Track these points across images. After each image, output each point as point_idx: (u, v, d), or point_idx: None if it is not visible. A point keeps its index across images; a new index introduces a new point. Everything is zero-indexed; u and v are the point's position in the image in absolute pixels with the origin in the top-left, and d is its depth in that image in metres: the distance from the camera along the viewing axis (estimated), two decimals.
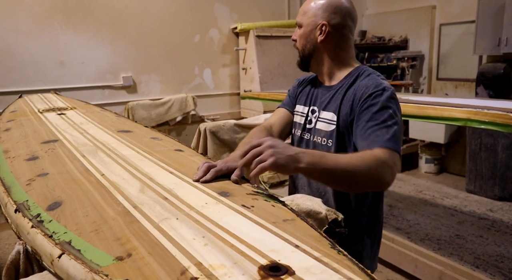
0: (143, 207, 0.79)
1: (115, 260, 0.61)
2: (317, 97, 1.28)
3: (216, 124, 2.35)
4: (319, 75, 1.29)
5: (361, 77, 1.18)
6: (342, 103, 1.17)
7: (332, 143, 1.19)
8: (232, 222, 0.71)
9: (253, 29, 4.00)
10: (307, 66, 1.27)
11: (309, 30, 1.20)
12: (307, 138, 1.28)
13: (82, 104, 2.34)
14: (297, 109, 1.35)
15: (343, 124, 1.16)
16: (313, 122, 1.27)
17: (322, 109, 1.24)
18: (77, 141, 1.40)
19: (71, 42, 3.38)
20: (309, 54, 1.24)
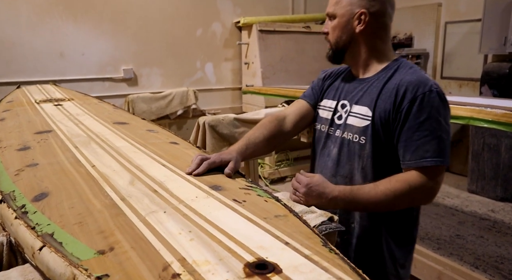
0: (131, 200, 0.77)
1: (96, 254, 0.58)
2: (348, 90, 1.19)
3: (216, 118, 2.32)
4: (353, 67, 1.21)
5: (401, 70, 1.09)
6: (379, 97, 1.08)
7: (366, 140, 1.10)
8: (222, 217, 0.68)
9: (256, 24, 3.96)
10: (341, 59, 1.18)
11: (345, 21, 1.11)
12: (336, 135, 1.18)
13: (80, 96, 2.31)
14: (323, 104, 1.26)
15: (380, 121, 1.07)
16: (343, 117, 1.17)
17: (355, 103, 1.14)
18: (71, 132, 1.37)
19: (71, 33, 3.35)
20: (344, 46, 1.14)
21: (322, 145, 1.24)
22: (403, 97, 1.03)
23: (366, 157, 1.10)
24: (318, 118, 1.28)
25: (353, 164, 1.13)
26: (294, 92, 2.56)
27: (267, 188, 0.94)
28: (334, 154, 1.18)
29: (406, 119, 1.03)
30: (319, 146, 1.26)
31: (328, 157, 1.21)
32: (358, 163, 1.12)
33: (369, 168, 1.10)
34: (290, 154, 4.66)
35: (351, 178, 1.14)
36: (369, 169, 1.10)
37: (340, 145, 1.17)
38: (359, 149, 1.11)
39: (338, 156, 1.17)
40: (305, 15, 4.45)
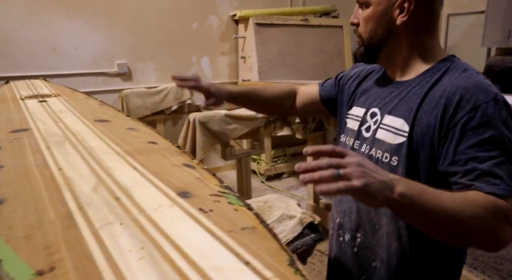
0: (89, 209, 0.71)
1: (34, 275, 0.52)
2: (380, 96, 0.97)
3: (206, 114, 2.26)
4: (388, 68, 0.99)
5: (451, 72, 0.85)
6: (421, 107, 0.85)
7: (399, 161, 0.86)
8: (182, 229, 0.62)
9: (253, 17, 3.87)
10: (375, 57, 0.96)
11: (383, 9, 0.89)
12: (362, 151, 0.96)
13: (68, 91, 2.25)
14: (352, 112, 1.05)
15: (420, 138, 0.83)
16: (371, 130, 0.95)
17: (387, 112, 0.92)
18: (48, 131, 1.31)
19: (64, 27, 3.29)
20: (380, 42, 0.92)
21: None
22: (457, 107, 0.79)
23: None
24: (344, 129, 1.07)
25: None
26: None
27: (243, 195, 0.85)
28: None
29: (462, 136, 0.77)
30: None
31: None
32: None
33: None
34: (287, 150, 4.60)
35: (377, 207, 0.91)
36: None
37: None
38: (389, 171, 0.82)
39: None
40: (303, 8, 4.36)
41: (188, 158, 1.09)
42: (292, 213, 0.88)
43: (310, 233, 0.85)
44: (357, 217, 0.96)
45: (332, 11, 4.44)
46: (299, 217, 0.87)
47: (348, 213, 0.97)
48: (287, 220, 0.86)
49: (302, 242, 0.81)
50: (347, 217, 0.98)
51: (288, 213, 0.88)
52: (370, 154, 0.93)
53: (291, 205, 0.92)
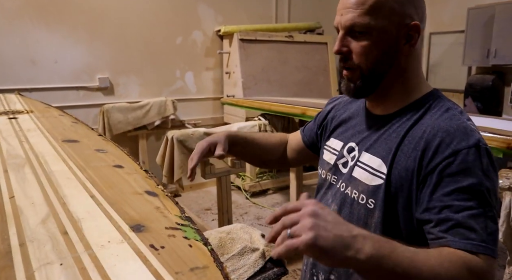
0: (31, 245, 0.66)
1: None
2: (358, 129, 0.91)
3: (185, 132, 2.23)
4: (371, 100, 0.90)
5: (433, 110, 0.79)
6: (400, 148, 0.79)
7: (375, 205, 0.80)
8: (126, 271, 0.58)
9: (237, 32, 3.88)
10: (372, 91, 0.84)
11: (390, 38, 0.79)
12: (338, 187, 0.91)
13: (42, 107, 2.20)
14: (329, 144, 0.99)
15: (398, 182, 0.77)
16: (348, 166, 0.89)
17: (365, 149, 0.86)
18: (10, 152, 1.26)
19: (43, 39, 3.24)
20: (383, 74, 0.82)
21: (321, 195, 0.97)
22: (436, 151, 0.73)
23: (374, 227, 0.81)
24: (320, 161, 1.02)
25: None
26: (270, 105, 2.47)
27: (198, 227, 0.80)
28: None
29: (439, 182, 0.72)
30: (318, 195, 0.99)
31: None
32: None
33: None
34: None
35: (333, 267, 0.85)
36: None
37: (341, 202, 0.88)
38: (366, 215, 0.82)
39: None
40: (288, 24, 4.39)
41: (152, 184, 1.05)
42: (255, 246, 0.84)
43: (273, 267, 0.81)
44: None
45: (316, 27, 4.48)
46: (262, 249, 0.83)
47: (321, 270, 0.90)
48: (249, 253, 0.83)
49: (263, 277, 0.77)
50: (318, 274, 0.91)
51: (251, 246, 0.84)
52: (345, 193, 0.88)
53: (255, 236, 0.88)
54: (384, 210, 0.79)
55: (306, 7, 4.56)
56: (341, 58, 0.84)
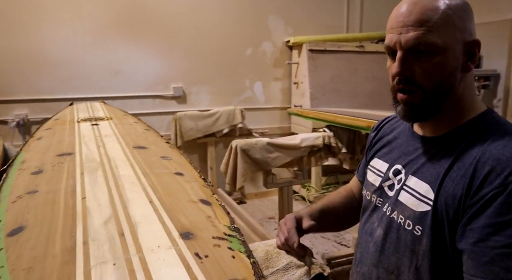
0: (92, 244, 0.73)
1: None
2: (405, 151, 0.86)
3: (248, 141, 2.27)
4: (423, 123, 0.83)
5: (488, 133, 0.73)
6: (448, 173, 0.73)
7: (423, 233, 0.75)
8: (168, 277, 0.62)
9: (306, 43, 3.88)
10: (435, 112, 0.78)
11: (454, 56, 0.74)
12: (384, 211, 0.86)
13: (121, 114, 2.39)
14: (373, 164, 0.95)
15: (444, 209, 0.72)
16: (394, 189, 0.85)
17: (412, 173, 0.81)
18: (88, 156, 1.40)
19: (126, 52, 3.53)
20: (442, 97, 0.76)
21: (366, 217, 0.94)
22: (485, 180, 0.67)
23: (422, 255, 0.76)
24: (365, 182, 0.98)
25: (402, 259, 0.80)
26: (334, 117, 2.43)
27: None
28: (377, 236, 0.86)
29: (481, 212, 0.66)
30: (363, 217, 0.95)
31: (371, 238, 0.89)
32: (410, 260, 0.79)
33: (425, 270, 0.76)
34: (340, 178, 4.46)
35: (397, 276, 0.82)
36: (425, 272, 0.76)
37: (387, 227, 0.84)
38: (413, 242, 0.78)
39: (382, 241, 0.85)
40: (359, 34, 4.28)
41: (208, 192, 1.10)
42: (300, 262, 0.84)
43: None
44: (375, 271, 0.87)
45: None
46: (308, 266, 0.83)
47: (367, 277, 0.89)
48: (294, 269, 0.82)
49: None
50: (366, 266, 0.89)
51: (296, 262, 0.84)
52: (391, 217, 0.84)
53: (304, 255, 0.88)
54: (432, 238, 0.74)
55: (379, 17, 4.42)
56: (400, 80, 0.77)
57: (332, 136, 2.46)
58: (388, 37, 0.78)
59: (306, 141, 2.35)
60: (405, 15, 0.74)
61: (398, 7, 0.77)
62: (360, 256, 0.92)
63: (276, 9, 4.09)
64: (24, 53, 3.24)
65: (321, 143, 2.37)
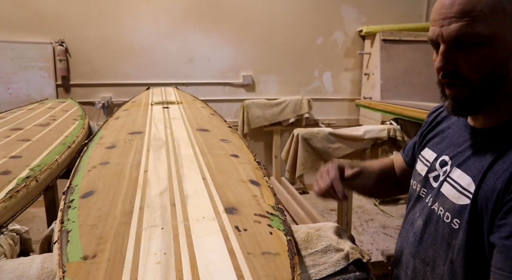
0: (146, 210, 0.82)
1: (81, 258, 0.63)
2: (454, 142, 0.84)
3: (310, 131, 2.28)
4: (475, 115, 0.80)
5: None
6: (492, 167, 0.70)
7: (460, 226, 0.74)
8: (207, 244, 0.67)
9: (380, 33, 3.73)
10: (482, 109, 0.75)
11: (504, 44, 0.69)
12: (426, 202, 0.85)
13: (190, 100, 2.54)
14: (423, 154, 0.93)
15: (483, 203, 0.70)
16: (439, 180, 0.83)
17: (457, 165, 0.78)
18: (155, 135, 1.52)
19: (200, 41, 3.71)
20: (494, 89, 0.72)
21: (410, 206, 0.93)
22: None
23: (457, 248, 0.75)
24: (414, 171, 0.96)
25: (438, 251, 0.79)
26: (402, 109, 2.34)
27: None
28: (418, 226, 0.86)
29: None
30: (408, 206, 0.94)
31: (411, 227, 0.88)
32: (446, 253, 0.77)
33: (459, 265, 0.74)
34: None
35: (433, 268, 0.80)
36: (459, 267, 0.74)
37: (427, 218, 0.83)
38: (450, 235, 0.76)
39: (422, 232, 0.84)
40: None
41: (259, 174, 1.14)
42: (340, 246, 0.85)
43: (356, 271, 0.80)
44: (412, 275, 0.86)
45: None
46: (347, 251, 0.83)
47: (405, 267, 0.88)
48: (332, 252, 0.83)
49: (343, 278, 0.77)
50: (403, 271, 0.88)
51: (336, 246, 0.85)
52: (432, 208, 0.82)
53: (344, 237, 0.89)
54: (468, 232, 0.72)
55: None
56: (444, 74, 0.74)
57: (399, 129, 2.37)
58: (431, 29, 0.75)
59: (370, 133, 2.30)
60: (447, 6, 0.70)
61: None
62: (400, 245, 0.92)
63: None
64: (111, 41, 3.56)
65: (385, 136, 2.30)
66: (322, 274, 0.77)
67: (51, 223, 0.99)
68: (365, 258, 0.83)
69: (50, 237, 0.93)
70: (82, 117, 2.34)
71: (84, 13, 3.47)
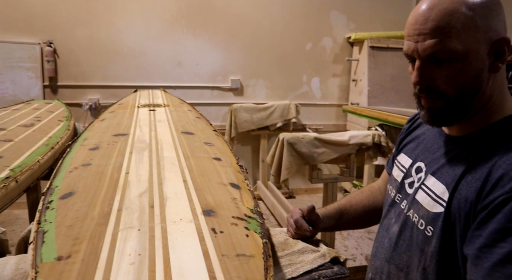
0: (125, 212, 0.82)
1: (55, 259, 0.64)
2: (429, 149, 0.85)
3: (295, 135, 2.30)
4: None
5: (511, 138, 0.70)
6: (464, 176, 0.71)
7: (434, 234, 0.75)
8: (182, 246, 0.68)
9: (368, 39, 3.78)
10: (456, 120, 0.76)
11: (478, 58, 0.70)
12: (402, 208, 0.86)
13: (177, 103, 2.54)
14: (400, 159, 0.94)
15: (457, 212, 0.71)
16: (414, 187, 0.84)
17: (431, 172, 0.80)
18: (139, 138, 1.52)
19: (189, 44, 3.71)
20: (468, 101, 0.73)
21: (386, 212, 0.94)
22: (496, 185, 0.65)
23: (430, 255, 0.76)
24: (390, 176, 0.97)
25: (412, 258, 0.81)
26: (387, 116, 2.37)
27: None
28: (393, 232, 0.87)
29: (492, 217, 0.64)
30: (384, 211, 0.96)
31: (387, 233, 0.90)
32: (419, 260, 0.78)
33: (432, 272, 0.76)
34: None
35: (407, 274, 0.82)
36: (432, 274, 0.76)
37: (402, 225, 0.84)
38: (423, 242, 0.77)
39: (397, 238, 0.85)
40: None
41: (241, 178, 1.15)
42: (317, 248, 0.87)
43: (333, 267, 0.82)
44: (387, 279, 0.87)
45: None
46: (324, 251, 0.85)
47: (380, 272, 0.89)
48: (309, 253, 0.85)
49: (320, 273, 0.78)
50: (378, 276, 0.90)
51: (312, 247, 0.87)
52: (407, 215, 0.84)
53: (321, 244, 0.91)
54: (441, 239, 0.73)
55: None
56: (421, 89, 0.76)
57: (384, 135, 2.40)
58: (406, 44, 0.76)
59: (355, 138, 2.32)
60: (421, 22, 0.71)
61: (415, 12, 0.73)
62: (376, 250, 0.93)
63: (339, 4, 4.03)
64: (100, 43, 3.54)
65: (370, 142, 2.33)
66: (299, 272, 0.79)
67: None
68: (341, 258, 0.84)
69: (27, 238, 0.93)
70: (67, 119, 2.32)
71: (73, 14, 3.45)
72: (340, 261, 0.84)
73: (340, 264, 0.84)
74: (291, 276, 0.77)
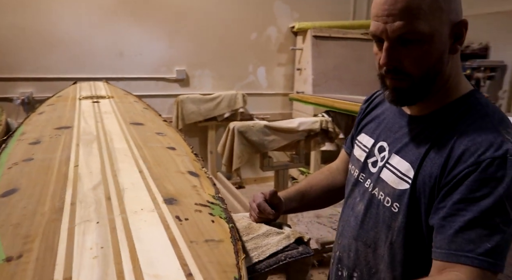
0: (79, 205, 0.77)
1: (3, 260, 0.58)
2: (391, 128, 0.87)
3: (246, 124, 2.30)
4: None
5: (469, 114, 0.74)
6: (428, 153, 0.75)
7: (400, 210, 0.78)
8: (147, 235, 0.65)
9: (311, 29, 3.86)
10: (424, 96, 0.78)
11: (442, 40, 0.72)
12: (366, 187, 0.89)
13: (122, 94, 2.42)
14: (360, 139, 0.96)
15: (421, 188, 0.75)
16: (377, 166, 0.86)
17: (395, 151, 0.82)
18: (85, 130, 1.43)
19: (131, 34, 3.55)
20: (431, 82, 0.76)
21: (349, 192, 0.96)
22: (458, 160, 0.69)
23: (397, 231, 0.79)
24: (351, 156, 0.99)
25: (379, 234, 0.84)
26: (333, 102, 2.45)
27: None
28: (358, 211, 0.89)
29: (455, 190, 0.68)
30: (347, 191, 0.98)
31: (352, 212, 0.92)
32: (386, 235, 0.82)
33: (398, 246, 0.79)
34: None
35: (374, 250, 0.85)
36: (398, 248, 0.80)
37: (368, 203, 0.87)
38: (390, 218, 0.81)
39: (363, 216, 0.88)
40: (365, 21, 4.25)
41: (198, 166, 1.13)
42: (280, 231, 0.87)
43: (298, 247, 0.83)
44: (355, 256, 0.90)
45: None
46: (288, 233, 0.86)
47: (347, 249, 0.92)
48: (274, 235, 0.85)
49: (286, 254, 0.78)
50: (346, 253, 0.92)
51: (276, 230, 0.87)
52: (372, 193, 0.86)
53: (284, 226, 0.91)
54: (407, 214, 0.77)
55: None
56: (388, 70, 0.76)
57: (330, 121, 2.47)
58: (373, 24, 0.76)
59: (304, 125, 2.37)
60: (390, 2, 0.71)
61: None
62: (342, 229, 0.96)
63: None
64: (31, 31, 3.27)
65: (318, 128, 2.39)
66: (265, 254, 0.78)
67: None
68: (305, 238, 0.86)
69: None
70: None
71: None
72: (304, 241, 0.85)
73: (304, 244, 0.85)
74: (258, 259, 0.77)
